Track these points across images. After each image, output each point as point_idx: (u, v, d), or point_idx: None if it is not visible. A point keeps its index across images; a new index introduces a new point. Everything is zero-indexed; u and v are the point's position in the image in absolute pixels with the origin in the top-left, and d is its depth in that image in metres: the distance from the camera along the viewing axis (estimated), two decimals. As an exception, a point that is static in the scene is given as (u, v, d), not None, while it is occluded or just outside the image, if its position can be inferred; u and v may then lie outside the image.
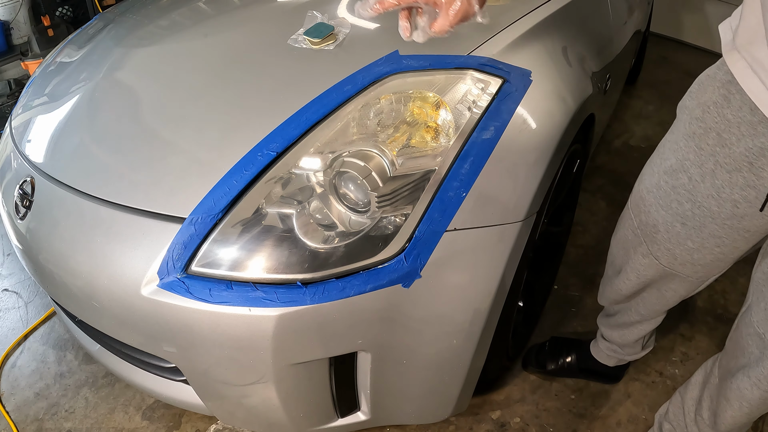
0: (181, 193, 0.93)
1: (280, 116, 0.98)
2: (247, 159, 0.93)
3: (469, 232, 0.91)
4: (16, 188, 1.11)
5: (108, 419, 1.42)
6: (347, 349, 0.94)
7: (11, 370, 1.57)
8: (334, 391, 1.03)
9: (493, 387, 1.47)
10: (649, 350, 1.35)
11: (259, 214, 0.89)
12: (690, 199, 0.83)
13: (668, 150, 0.88)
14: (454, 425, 1.38)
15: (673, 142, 0.86)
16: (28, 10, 2.96)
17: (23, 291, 1.83)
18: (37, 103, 1.29)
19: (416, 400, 1.12)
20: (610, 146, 2.56)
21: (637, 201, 0.97)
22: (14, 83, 2.93)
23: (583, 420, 1.40)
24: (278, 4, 1.40)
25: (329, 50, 1.13)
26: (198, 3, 1.51)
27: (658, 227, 0.91)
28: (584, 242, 1.95)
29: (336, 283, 0.86)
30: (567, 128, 1.05)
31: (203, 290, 0.86)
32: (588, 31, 1.39)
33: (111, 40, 1.40)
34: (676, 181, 0.85)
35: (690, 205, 0.84)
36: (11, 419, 1.43)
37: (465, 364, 1.05)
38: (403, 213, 0.89)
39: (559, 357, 1.45)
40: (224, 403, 1.05)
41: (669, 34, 3.71)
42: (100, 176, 1.01)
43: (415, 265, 0.88)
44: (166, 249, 0.88)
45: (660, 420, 1.24)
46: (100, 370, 1.54)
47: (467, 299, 0.96)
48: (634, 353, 1.33)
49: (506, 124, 0.97)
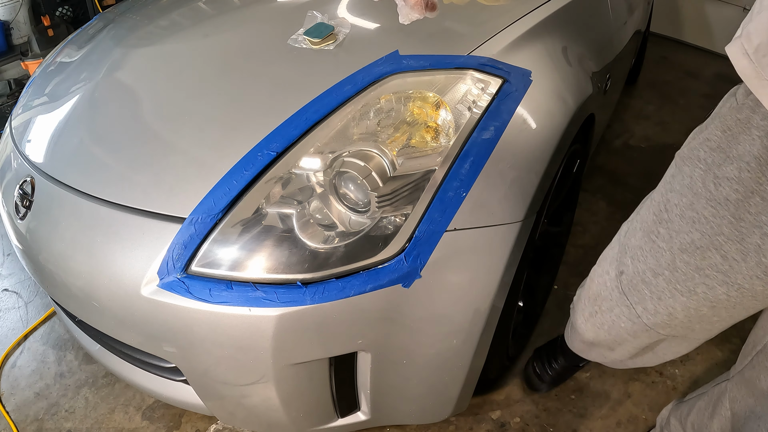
0: (181, 193, 0.93)
1: (280, 116, 0.98)
2: (247, 159, 0.93)
3: (469, 232, 0.91)
4: (16, 188, 1.11)
5: (108, 419, 1.42)
6: (347, 349, 0.94)
7: (11, 370, 1.57)
8: (334, 391, 1.03)
9: (493, 387, 1.47)
10: None
11: (259, 214, 0.89)
12: (725, 282, 0.67)
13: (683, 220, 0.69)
14: (454, 425, 1.38)
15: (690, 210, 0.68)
16: (28, 10, 2.96)
17: (23, 291, 1.83)
18: (37, 103, 1.29)
19: (416, 400, 1.12)
20: (610, 146, 2.56)
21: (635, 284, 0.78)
22: (14, 83, 2.93)
23: (583, 420, 1.40)
24: (278, 4, 1.40)
25: (329, 50, 1.13)
26: (198, 3, 1.51)
27: (675, 314, 0.76)
28: (584, 242, 1.95)
29: (336, 283, 0.86)
30: (567, 128, 1.05)
31: (203, 290, 0.86)
32: (588, 31, 1.39)
33: (111, 40, 1.40)
34: (703, 261, 0.68)
35: (725, 288, 0.67)
36: (11, 419, 1.43)
37: (465, 364, 1.05)
38: (403, 213, 0.89)
39: (551, 365, 1.40)
40: (224, 403, 1.05)
41: (669, 34, 3.72)
42: (100, 176, 1.01)
43: (415, 265, 0.88)
44: (166, 249, 0.88)
45: (661, 425, 1.24)
46: (100, 370, 1.54)
47: (467, 299, 0.96)
48: None
49: (506, 124, 0.97)
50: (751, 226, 0.62)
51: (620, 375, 1.49)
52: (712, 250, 0.66)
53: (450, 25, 1.18)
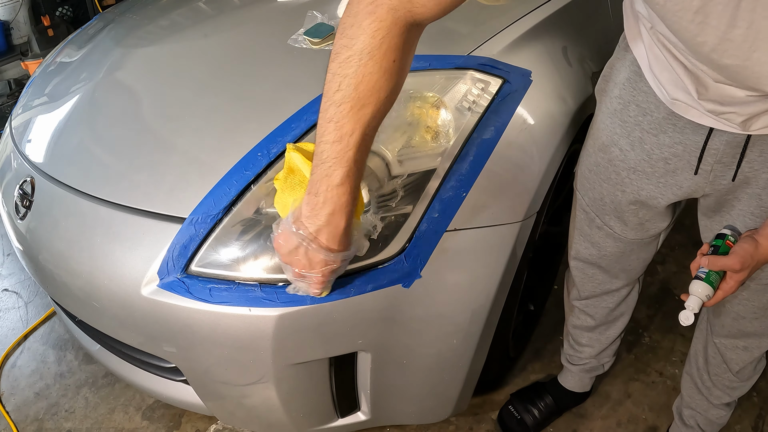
0: (181, 193, 0.93)
1: (280, 116, 0.98)
2: (248, 159, 0.93)
3: (469, 232, 0.91)
4: (16, 188, 1.11)
5: (108, 419, 1.42)
6: (347, 349, 0.94)
7: (11, 370, 1.57)
8: (334, 391, 1.03)
9: (493, 387, 1.47)
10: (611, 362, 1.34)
11: (259, 214, 0.89)
12: (625, 167, 0.89)
13: (596, 130, 0.94)
14: (454, 425, 1.38)
15: (600, 122, 0.92)
16: (28, 10, 2.96)
17: (23, 291, 1.83)
18: (37, 103, 1.29)
19: (416, 400, 1.12)
20: (610, 146, 2.56)
21: (582, 181, 1.02)
22: (14, 83, 2.93)
23: (583, 420, 1.40)
24: (278, 4, 1.40)
25: (329, 50, 1.13)
26: (198, 3, 1.50)
27: (603, 199, 0.97)
28: (584, 242, 1.95)
29: (336, 283, 0.86)
30: (567, 128, 1.05)
31: (203, 290, 0.86)
32: (588, 31, 1.38)
33: (111, 40, 1.40)
34: (610, 155, 0.91)
35: (627, 172, 0.89)
36: (11, 419, 1.43)
37: (465, 364, 1.05)
38: (403, 213, 0.89)
39: (537, 406, 1.36)
40: (224, 403, 1.05)
41: (669, 34, 3.71)
42: (100, 176, 1.01)
43: (415, 265, 0.88)
44: (166, 249, 0.88)
45: (678, 409, 1.26)
46: (100, 370, 1.54)
47: (467, 299, 0.96)
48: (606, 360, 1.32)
49: (506, 124, 0.97)
50: (633, 125, 0.85)
51: (620, 375, 1.49)
52: (613, 146, 0.89)
53: (450, 25, 1.18)
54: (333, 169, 0.66)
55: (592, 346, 1.26)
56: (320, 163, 0.67)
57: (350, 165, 0.66)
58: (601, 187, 0.96)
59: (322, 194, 0.67)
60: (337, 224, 0.69)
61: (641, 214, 0.95)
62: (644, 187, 0.89)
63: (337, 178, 0.66)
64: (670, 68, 0.72)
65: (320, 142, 0.66)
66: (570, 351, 1.31)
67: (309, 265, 0.72)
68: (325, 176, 0.67)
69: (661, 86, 0.76)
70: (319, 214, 0.68)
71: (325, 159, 0.66)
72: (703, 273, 0.79)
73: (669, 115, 0.79)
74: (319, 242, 0.70)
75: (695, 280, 0.80)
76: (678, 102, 0.75)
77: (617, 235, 1.02)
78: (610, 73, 0.91)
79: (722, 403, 1.15)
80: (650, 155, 0.85)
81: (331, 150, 0.65)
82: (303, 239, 0.69)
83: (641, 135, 0.85)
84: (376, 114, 0.66)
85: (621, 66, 0.87)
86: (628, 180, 0.90)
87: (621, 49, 0.88)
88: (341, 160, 0.65)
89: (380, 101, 0.65)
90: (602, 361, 1.31)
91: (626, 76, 0.85)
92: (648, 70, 0.78)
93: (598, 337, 1.25)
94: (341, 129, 0.65)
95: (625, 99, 0.86)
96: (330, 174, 0.66)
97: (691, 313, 0.78)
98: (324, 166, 0.66)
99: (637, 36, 0.80)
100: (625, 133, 0.87)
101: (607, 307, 1.19)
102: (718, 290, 0.79)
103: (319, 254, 0.70)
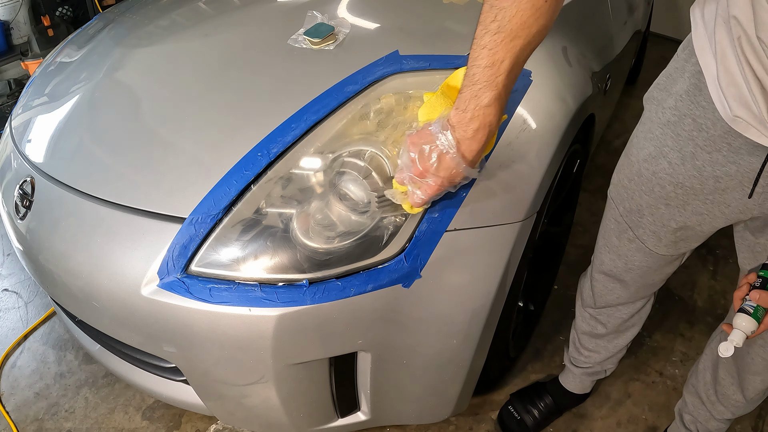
0: (181, 193, 0.93)
1: (280, 116, 0.98)
2: (247, 159, 0.93)
3: (469, 232, 0.91)
4: (16, 188, 1.11)
5: (108, 419, 1.42)
6: (347, 349, 0.94)
7: (11, 370, 1.57)
8: (334, 391, 1.03)
9: (493, 387, 1.47)
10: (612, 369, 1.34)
11: (259, 214, 0.89)
12: (672, 182, 0.87)
13: (643, 139, 0.92)
14: (454, 425, 1.38)
15: (648, 131, 0.90)
16: (28, 10, 2.96)
17: (23, 291, 1.83)
18: (37, 103, 1.29)
19: (416, 400, 1.12)
20: (610, 146, 2.56)
21: (618, 190, 1.01)
22: (14, 83, 2.93)
23: (583, 420, 1.40)
24: (278, 4, 1.40)
25: (329, 50, 1.13)
26: (198, 3, 1.50)
27: (642, 211, 0.95)
28: (584, 242, 1.95)
29: (336, 283, 0.86)
30: (567, 128, 1.05)
31: (203, 290, 0.86)
32: (588, 31, 1.39)
33: (111, 40, 1.40)
34: (656, 167, 0.89)
35: (672, 187, 0.87)
36: (11, 419, 1.43)
37: (465, 364, 1.05)
38: (403, 213, 0.89)
39: (536, 406, 1.37)
40: (224, 403, 1.05)
41: (669, 34, 3.72)
42: (100, 176, 1.01)
43: (415, 265, 0.88)
44: (166, 249, 0.88)
45: (680, 411, 1.26)
46: (100, 370, 1.54)
47: (467, 299, 0.96)
48: (610, 366, 1.32)
49: (506, 124, 0.97)
50: (686, 140, 0.82)
51: (620, 375, 1.49)
52: (661, 158, 0.87)
53: (450, 25, 1.18)
54: (483, 91, 0.70)
55: (599, 352, 1.26)
56: (471, 84, 0.71)
57: (499, 89, 0.70)
58: (641, 198, 0.94)
59: (470, 111, 0.72)
60: (480, 140, 0.74)
61: (680, 233, 0.93)
62: (690, 203, 0.87)
63: (486, 99, 0.70)
64: (742, 83, 0.70)
65: (472, 65, 0.71)
66: (575, 354, 1.31)
67: (436, 169, 0.75)
68: (474, 96, 0.71)
69: (725, 100, 0.74)
70: (466, 128, 0.73)
71: (476, 81, 0.70)
72: (751, 307, 0.77)
73: (725, 134, 0.77)
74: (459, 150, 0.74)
75: (741, 314, 0.77)
76: (739, 119, 0.73)
77: (648, 250, 1.00)
78: (665, 82, 0.88)
79: (724, 418, 1.14)
80: (701, 171, 0.82)
81: (482, 74, 0.70)
82: (447, 141, 0.73)
83: (694, 150, 0.82)
84: (526, 47, 0.69)
85: (679, 77, 0.84)
86: (674, 194, 0.88)
87: (681, 59, 0.85)
88: (491, 84, 0.70)
89: (530, 35, 0.68)
90: (605, 367, 1.31)
91: (685, 88, 0.82)
92: (714, 82, 0.75)
93: (606, 344, 1.24)
94: (494, 56, 0.68)
95: (681, 111, 0.82)
96: (479, 95, 0.70)
97: (733, 346, 0.76)
98: (475, 87, 0.70)
99: (707, 46, 0.76)
100: (677, 147, 0.84)
101: (621, 318, 1.18)
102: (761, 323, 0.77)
103: (453, 160, 0.74)
